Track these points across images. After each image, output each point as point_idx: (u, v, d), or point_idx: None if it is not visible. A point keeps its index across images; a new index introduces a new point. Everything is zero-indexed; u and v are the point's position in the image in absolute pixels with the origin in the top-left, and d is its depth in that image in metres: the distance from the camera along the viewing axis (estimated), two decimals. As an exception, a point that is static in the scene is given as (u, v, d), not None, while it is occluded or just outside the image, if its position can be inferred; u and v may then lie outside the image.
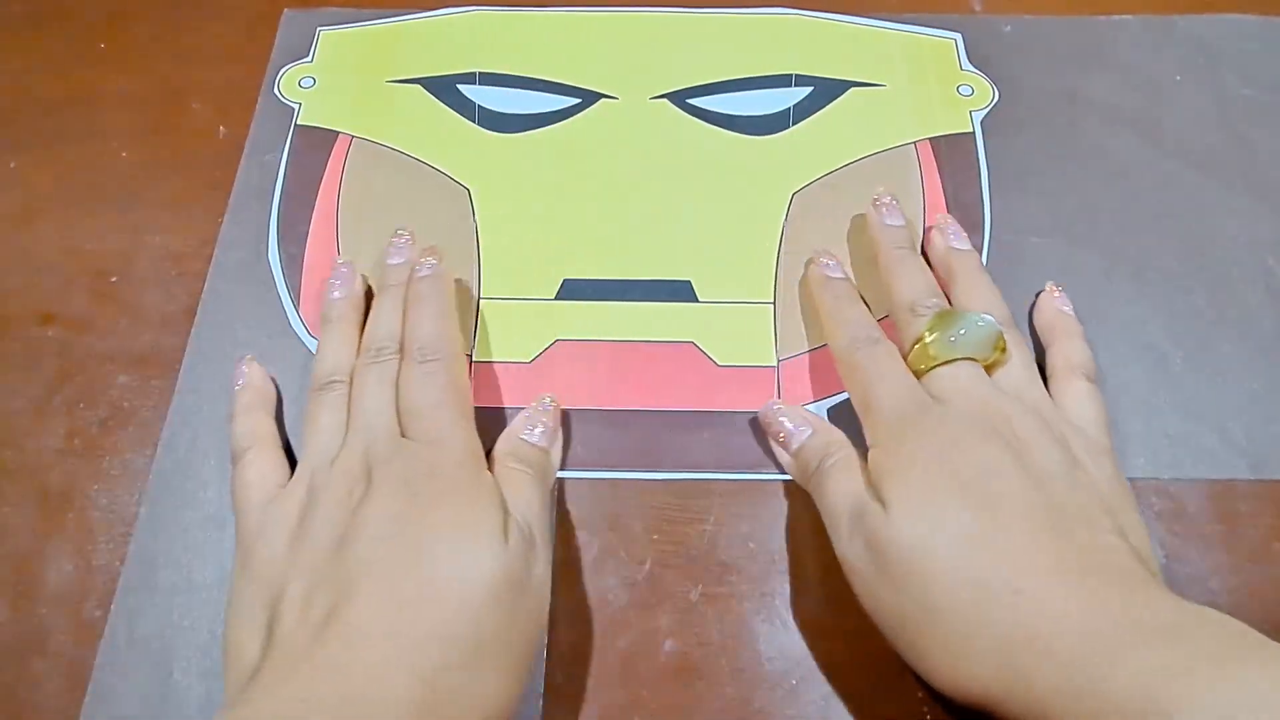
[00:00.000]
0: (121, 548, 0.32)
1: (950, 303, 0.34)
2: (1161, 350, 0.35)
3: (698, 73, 0.42)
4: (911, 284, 0.33)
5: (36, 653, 0.30)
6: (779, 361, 0.35)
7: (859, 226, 0.37)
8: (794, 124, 0.40)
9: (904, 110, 0.41)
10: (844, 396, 0.34)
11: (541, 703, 0.29)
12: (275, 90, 0.41)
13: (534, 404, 0.33)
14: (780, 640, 0.30)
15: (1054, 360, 0.33)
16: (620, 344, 0.35)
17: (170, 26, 0.44)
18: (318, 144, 0.40)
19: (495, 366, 0.35)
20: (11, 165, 0.40)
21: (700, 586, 0.31)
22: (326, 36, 0.43)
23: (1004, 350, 0.31)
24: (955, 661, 0.25)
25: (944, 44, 0.43)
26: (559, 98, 0.41)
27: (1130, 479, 0.30)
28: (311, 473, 0.30)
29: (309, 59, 0.42)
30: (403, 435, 0.30)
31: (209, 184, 0.39)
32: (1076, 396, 0.31)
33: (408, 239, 0.36)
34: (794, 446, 0.31)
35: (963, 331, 0.31)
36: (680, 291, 0.36)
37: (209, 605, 0.31)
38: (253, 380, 0.34)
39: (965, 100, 0.41)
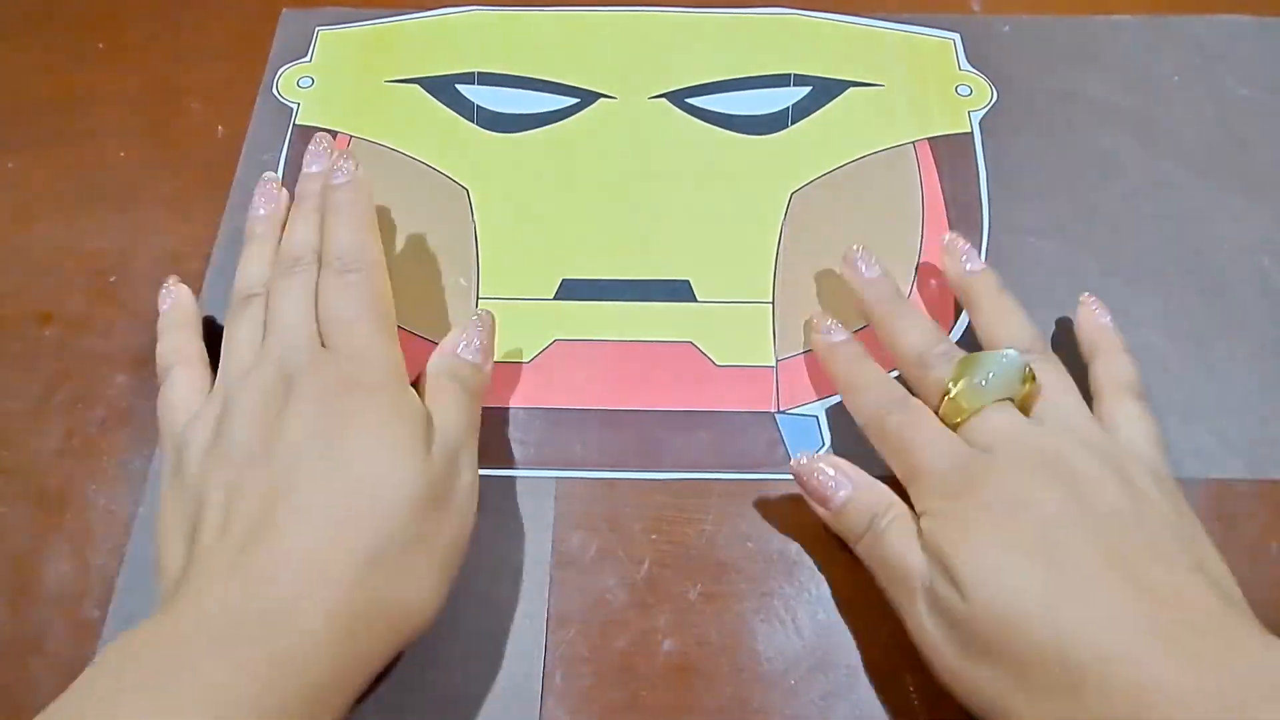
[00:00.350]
0: (119, 548, 0.32)
1: (976, 330, 0.33)
2: (1158, 350, 0.35)
3: (696, 72, 0.42)
4: (912, 335, 0.32)
5: (34, 653, 0.30)
6: (777, 361, 0.35)
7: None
8: (793, 124, 0.40)
9: (902, 110, 0.41)
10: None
11: (541, 703, 0.29)
12: (274, 90, 0.41)
13: (471, 320, 0.33)
14: (779, 639, 0.30)
15: (1098, 378, 0.31)
16: (619, 344, 0.35)
17: (168, 26, 0.44)
18: (316, 144, 0.40)
19: (494, 366, 0.35)
20: (10, 165, 0.40)
21: (699, 586, 0.31)
22: (325, 36, 0.43)
23: (1034, 380, 0.29)
24: None
25: (943, 44, 0.43)
26: (557, 97, 0.41)
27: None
28: (228, 386, 0.29)
29: (307, 59, 0.42)
30: (323, 346, 0.29)
31: (207, 184, 0.39)
32: (1127, 417, 0.30)
33: (326, 146, 0.35)
34: (834, 505, 0.30)
35: (990, 375, 0.29)
36: (679, 291, 0.36)
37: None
38: (181, 300, 0.34)
39: (964, 100, 0.41)
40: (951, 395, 0.29)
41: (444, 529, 0.28)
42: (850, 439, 0.33)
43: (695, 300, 0.36)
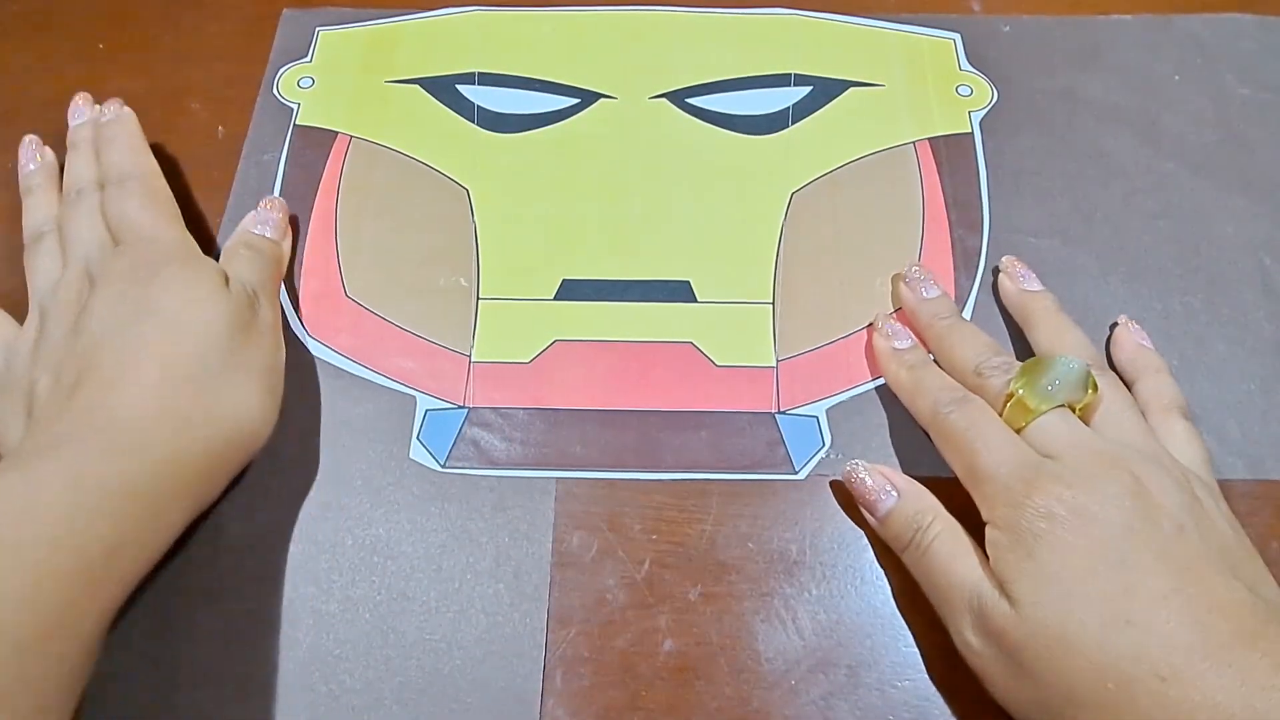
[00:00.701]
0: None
1: (1032, 348, 0.33)
2: (1157, 350, 0.35)
3: (697, 72, 0.42)
4: (968, 349, 0.32)
5: (36, 653, 0.30)
6: (778, 362, 0.35)
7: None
8: (793, 123, 0.40)
9: (903, 110, 0.41)
10: (844, 396, 0.34)
11: (541, 702, 0.29)
12: (274, 90, 0.41)
13: (263, 204, 0.37)
14: (779, 640, 0.30)
15: (1144, 398, 0.32)
16: (619, 344, 0.35)
17: (169, 26, 0.44)
18: (316, 144, 0.40)
19: (494, 367, 0.35)
20: (10, 165, 0.40)
21: (699, 586, 0.31)
22: (326, 37, 0.43)
23: (1096, 390, 0.29)
24: None
25: (943, 44, 0.43)
26: (558, 98, 0.41)
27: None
28: (40, 304, 0.33)
29: (308, 59, 0.42)
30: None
31: (208, 184, 0.39)
32: (1178, 437, 0.30)
33: (85, 102, 0.39)
34: (880, 513, 0.30)
35: (1057, 380, 0.29)
36: (679, 292, 0.36)
37: (207, 607, 0.31)
38: None
39: (964, 100, 0.41)
40: (1017, 397, 0.29)
41: (255, 353, 0.32)
42: (851, 439, 0.34)
43: (695, 301, 0.36)
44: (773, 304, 0.36)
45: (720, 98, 0.41)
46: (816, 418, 0.34)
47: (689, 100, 0.41)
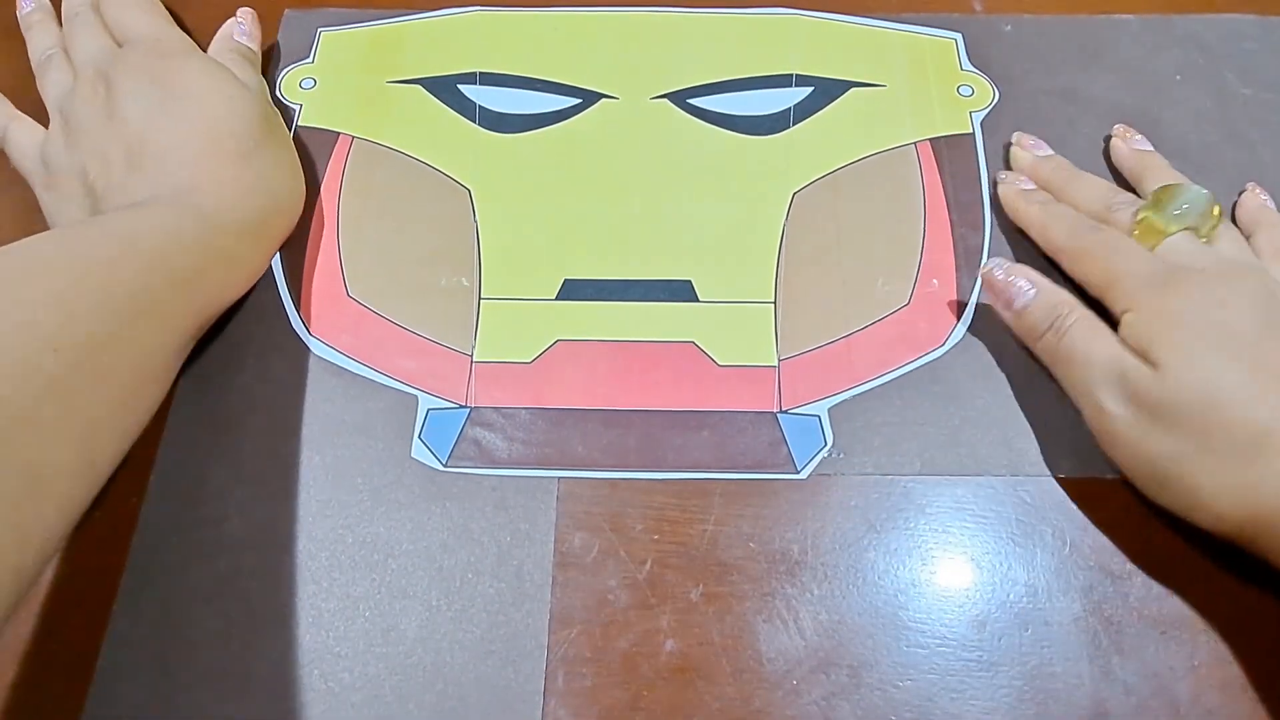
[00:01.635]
0: (122, 548, 0.32)
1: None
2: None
3: (698, 73, 0.42)
4: (1093, 190, 0.36)
5: (37, 653, 0.30)
6: (779, 361, 0.35)
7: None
8: (794, 124, 0.40)
9: (904, 110, 0.41)
10: (846, 395, 0.34)
11: (542, 703, 0.29)
12: (276, 91, 0.41)
13: (241, 13, 0.40)
14: (781, 640, 0.30)
15: (1260, 247, 0.34)
16: (621, 344, 0.35)
17: (171, 27, 0.44)
18: (318, 145, 0.40)
19: (496, 366, 0.35)
20: (13, 167, 0.40)
21: (701, 586, 0.31)
22: (327, 37, 0.43)
23: (1220, 215, 0.33)
24: (1231, 493, 0.27)
25: (944, 44, 0.43)
26: (559, 98, 0.41)
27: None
28: (59, 111, 0.36)
29: (310, 60, 0.42)
30: None
31: (210, 184, 0.39)
32: None
33: None
34: (1018, 305, 0.32)
35: (1185, 204, 0.32)
36: (681, 291, 0.36)
37: (210, 605, 0.31)
38: None
39: (966, 100, 0.41)
40: (1148, 221, 0.33)
41: (280, 136, 0.37)
42: (853, 438, 0.33)
43: (697, 300, 0.36)
44: (774, 303, 0.36)
45: (722, 98, 0.41)
46: (818, 417, 0.34)
47: (690, 101, 0.41)
